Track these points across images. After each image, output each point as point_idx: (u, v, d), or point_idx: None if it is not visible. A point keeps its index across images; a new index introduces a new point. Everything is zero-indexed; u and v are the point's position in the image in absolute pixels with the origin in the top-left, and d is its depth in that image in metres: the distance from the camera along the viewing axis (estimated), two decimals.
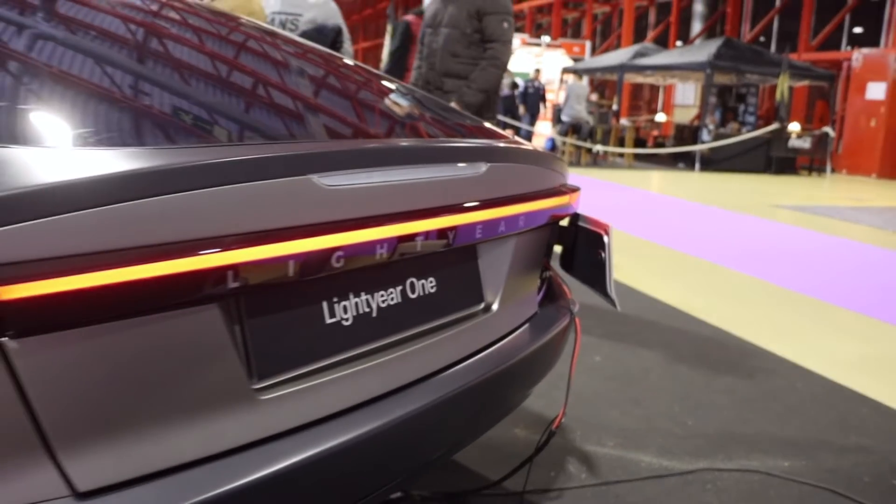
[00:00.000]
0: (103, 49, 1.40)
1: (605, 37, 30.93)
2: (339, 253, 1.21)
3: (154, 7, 1.77)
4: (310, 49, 2.02)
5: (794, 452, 2.70)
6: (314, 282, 1.22)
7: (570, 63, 19.81)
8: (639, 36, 25.38)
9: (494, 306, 1.69)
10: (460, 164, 1.52)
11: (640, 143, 18.52)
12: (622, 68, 18.01)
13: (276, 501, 1.13)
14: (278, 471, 1.11)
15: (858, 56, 16.69)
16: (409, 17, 5.62)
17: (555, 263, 2.09)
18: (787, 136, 15.66)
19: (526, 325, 1.83)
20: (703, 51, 16.66)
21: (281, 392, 1.18)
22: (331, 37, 4.53)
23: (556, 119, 16.40)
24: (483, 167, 1.56)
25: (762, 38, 23.85)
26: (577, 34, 31.13)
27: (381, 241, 1.28)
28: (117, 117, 1.18)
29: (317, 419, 1.23)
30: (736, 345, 3.95)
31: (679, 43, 23.95)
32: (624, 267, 5.44)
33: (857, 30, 21.93)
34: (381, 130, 1.70)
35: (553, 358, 1.95)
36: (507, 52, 4.26)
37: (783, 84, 15.51)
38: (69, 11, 1.50)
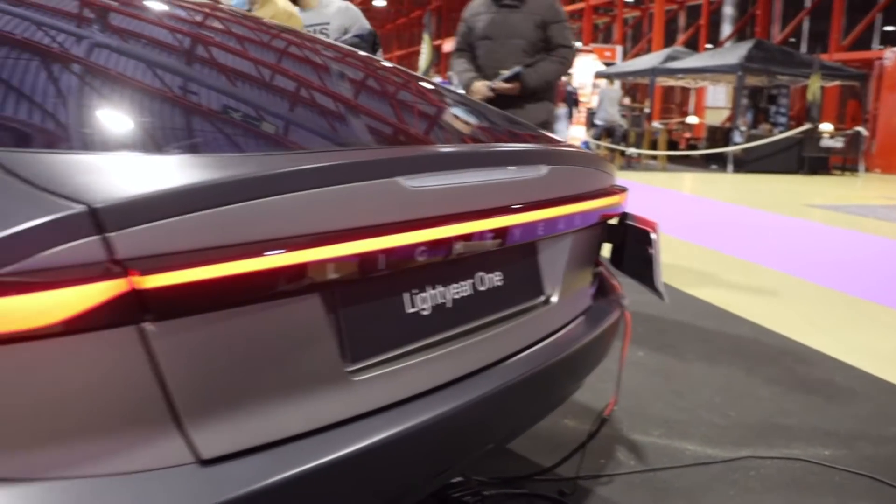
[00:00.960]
0: (215, 75, 1.57)
1: (635, 41, 30.92)
2: (421, 248, 1.34)
3: (240, 31, 1.94)
4: (372, 60, 2.18)
5: (833, 442, 2.79)
6: (398, 274, 1.36)
7: (601, 67, 19.86)
8: (669, 40, 25.37)
9: (553, 299, 1.82)
10: (524, 167, 1.65)
11: (672, 145, 18.53)
12: (654, 72, 18.06)
13: (365, 474, 1.27)
14: (368, 445, 1.24)
15: (890, 55, 16.59)
16: None
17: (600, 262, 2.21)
18: (819, 136, 15.61)
19: (581, 318, 1.96)
20: (734, 53, 16.67)
21: (370, 374, 1.31)
22: (370, 41, 4.58)
23: (590, 123, 16.48)
24: (544, 170, 1.69)
25: (792, 39, 23.74)
26: (607, 39, 31.14)
27: (456, 238, 1.42)
28: (236, 129, 1.33)
29: (399, 400, 1.36)
30: (773, 340, 4.04)
31: (709, 46, 23.90)
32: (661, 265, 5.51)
33: (889, 28, 21.77)
34: (454, 136, 1.84)
35: (605, 349, 2.07)
36: (572, 56, 4.41)
37: (815, 84, 15.47)
38: (178, 42, 1.68)
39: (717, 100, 22.32)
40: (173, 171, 1.09)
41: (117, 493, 1.02)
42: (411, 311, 1.43)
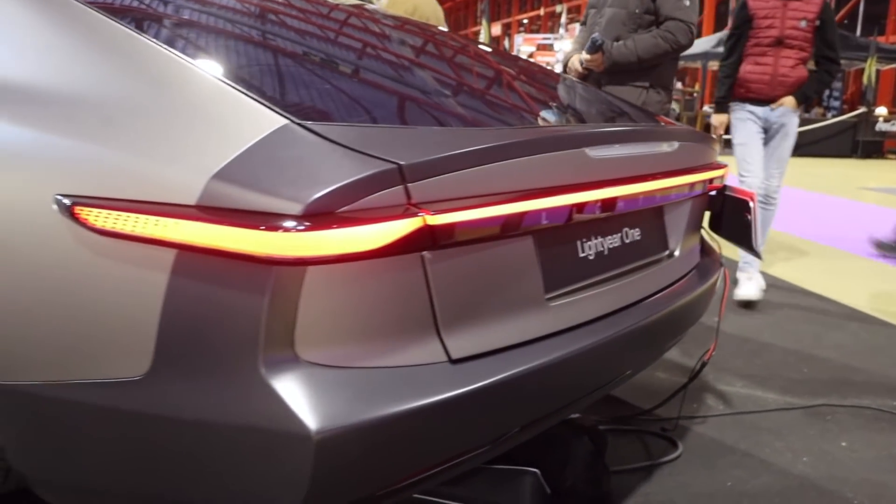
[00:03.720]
0: (455, 73, 2.13)
1: None
2: (594, 204, 1.71)
3: (448, 41, 2.50)
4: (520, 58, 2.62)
5: None
6: (576, 225, 1.73)
7: None
8: (719, 24, 25.31)
9: (676, 253, 2.18)
10: (663, 143, 2.01)
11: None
12: (706, 56, 18.16)
13: (556, 380, 1.64)
14: (561, 356, 1.62)
15: None
16: None
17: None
18: (874, 119, 15.66)
19: (694, 271, 2.32)
20: None
21: (558, 302, 1.69)
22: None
23: None
24: (675, 145, 2.05)
25: (846, 22, 23.59)
26: None
27: (617, 198, 1.78)
28: (480, 111, 1.83)
29: (576, 324, 1.73)
30: (838, 309, 4.35)
31: None
32: (727, 244, 5.82)
33: None
34: (614, 115, 2.24)
35: (709, 300, 2.42)
36: (685, 33, 3.61)
37: (870, 68, 15.51)
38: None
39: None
40: (447, 140, 1.48)
41: (395, 381, 1.39)
42: (582, 255, 1.80)
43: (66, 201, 1.44)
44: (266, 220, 1.26)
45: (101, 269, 1.43)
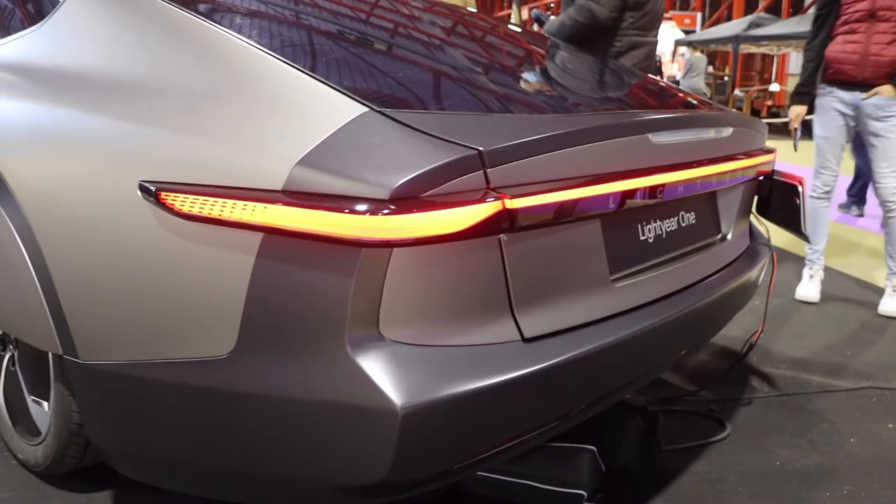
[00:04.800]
0: (521, 65, 2.21)
1: (714, 8, 30.55)
2: (655, 189, 1.76)
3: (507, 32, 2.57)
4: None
5: None
6: (638, 209, 1.77)
7: (681, 35, 19.85)
8: (750, 6, 25.08)
9: (728, 237, 2.22)
10: (718, 128, 2.05)
11: (754, 112, 18.51)
12: (737, 39, 18.02)
13: (620, 359, 1.69)
14: (625, 336, 1.67)
15: None
16: None
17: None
18: None
19: (744, 255, 2.36)
20: None
21: (622, 284, 1.74)
22: None
23: None
24: (730, 130, 2.09)
25: None
26: (685, 6, 30.83)
27: (677, 182, 1.83)
28: (550, 99, 1.90)
29: (638, 305, 1.78)
30: (881, 294, 4.35)
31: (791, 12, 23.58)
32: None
33: None
34: (672, 102, 2.29)
35: (758, 282, 2.46)
36: (582, 11, 3.67)
37: None
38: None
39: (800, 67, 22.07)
40: (521, 127, 1.53)
41: (473, 359, 1.45)
42: (642, 238, 1.85)
43: (151, 187, 1.51)
44: (353, 204, 1.32)
45: (187, 252, 1.49)
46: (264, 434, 1.48)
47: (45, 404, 2.01)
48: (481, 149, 1.38)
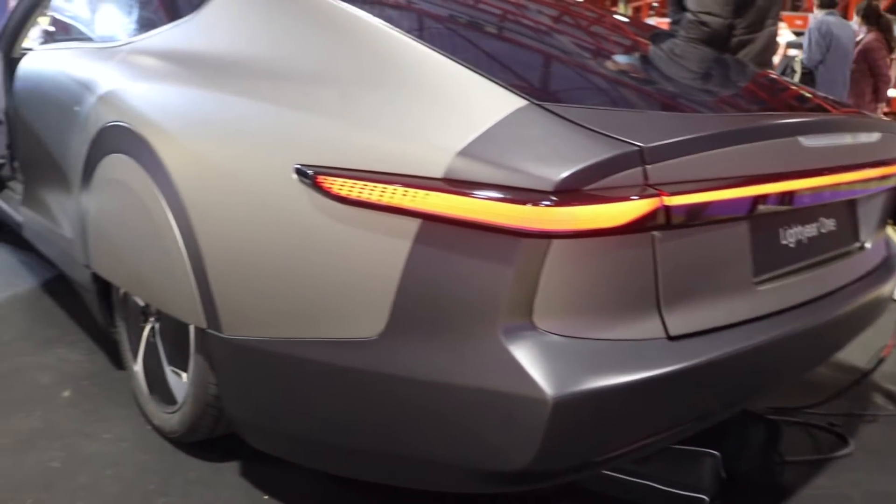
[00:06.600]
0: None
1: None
2: (801, 193, 1.73)
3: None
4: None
5: None
6: (781, 212, 1.75)
7: (792, 37, 19.31)
8: None
9: (867, 245, 2.16)
10: (865, 133, 2.01)
11: None
12: None
13: (759, 362, 1.67)
14: (767, 340, 1.64)
15: None
16: None
17: None
18: None
19: (881, 266, 2.29)
20: None
21: (764, 287, 1.72)
22: None
23: None
24: (875, 136, 2.04)
25: None
26: (797, 7, 29.98)
27: (822, 187, 1.80)
28: (704, 100, 1.93)
29: (779, 310, 1.75)
30: None
31: None
32: None
33: None
34: (817, 104, 2.26)
35: (892, 296, 2.39)
36: (693, 27, 3.54)
37: None
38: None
39: None
40: (678, 125, 1.53)
41: (620, 353, 1.46)
42: (783, 242, 1.82)
43: (309, 171, 1.55)
44: (515, 194, 1.34)
45: (342, 234, 1.54)
46: (408, 416, 1.52)
47: (184, 375, 2.09)
48: (642, 145, 1.39)
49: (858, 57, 6.48)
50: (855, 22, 6.70)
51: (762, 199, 1.59)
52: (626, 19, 2.85)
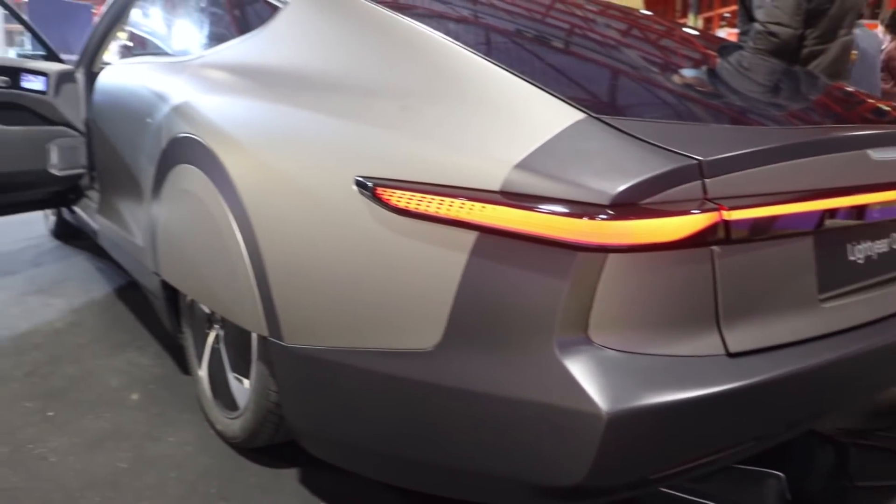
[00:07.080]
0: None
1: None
2: (871, 208, 1.68)
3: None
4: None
5: None
6: (850, 227, 1.70)
7: None
8: None
9: None
10: None
11: None
12: None
13: (824, 382, 1.63)
14: (831, 358, 1.60)
15: None
16: None
17: None
18: None
19: None
20: None
21: (830, 304, 1.67)
22: None
23: None
24: None
25: None
26: (875, 15, 29.24)
27: (894, 202, 1.74)
28: (765, 112, 1.87)
29: (847, 328, 1.70)
30: None
31: None
32: None
33: None
34: (889, 116, 2.21)
35: None
36: (761, 38, 3.53)
37: None
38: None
39: None
40: (737, 138, 1.51)
41: (678, 369, 1.43)
42: (851, 258, 1.77)
43: (368, 183, 1.57)
44: (572, 207, 1.33)
45: (400, 246, 1.55)
46: (463, 428, 1.52)
47: (246, 382, 2.13)
48: (700, 158, 1.37)
49: (883, 66, 6.35)
50: (879, 31, 6.53)
51: (827, 213, 1.55)
52: (693, 31, 2.81)
